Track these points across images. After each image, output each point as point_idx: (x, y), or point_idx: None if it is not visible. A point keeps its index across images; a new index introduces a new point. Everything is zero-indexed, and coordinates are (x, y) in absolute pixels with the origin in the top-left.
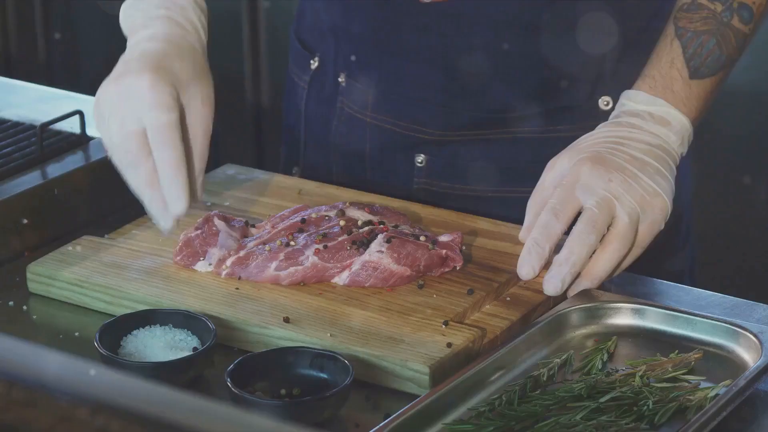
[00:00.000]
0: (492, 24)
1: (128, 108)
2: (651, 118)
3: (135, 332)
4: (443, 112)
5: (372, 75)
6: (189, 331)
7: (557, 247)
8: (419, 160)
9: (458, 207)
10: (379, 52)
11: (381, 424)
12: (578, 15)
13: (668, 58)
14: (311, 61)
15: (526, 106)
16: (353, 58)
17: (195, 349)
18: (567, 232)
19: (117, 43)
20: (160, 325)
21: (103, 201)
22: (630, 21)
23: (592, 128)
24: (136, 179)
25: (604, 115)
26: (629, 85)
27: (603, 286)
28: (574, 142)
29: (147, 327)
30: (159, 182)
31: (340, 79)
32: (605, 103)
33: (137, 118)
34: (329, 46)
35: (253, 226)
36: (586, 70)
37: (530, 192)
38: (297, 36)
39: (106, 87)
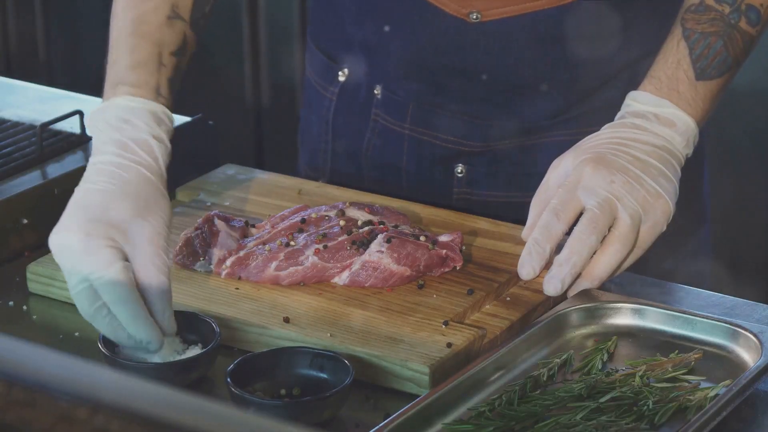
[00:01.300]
0: (536, 39)
1: (70, 267)
2: (656, 120)
3: None
4: (484, 124)
5: (411, 89)
6: (191, 333)
7: (558, 248)
8: (459, 171)
9: (499, 215)
10: (419, 67)
11: (381, 424)
12: (617, 23)
13: (675, 59)
14: (339, 73)
15: (564, 112)
16: (391, 72)
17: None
18: (569, 233)
19: None
20: None
21: None
22: (662, 21)
23: None
24: (103, 329)
25: None
26: None
27: (603, 286)
28: (579, 142)
29: None
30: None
31: (375, 92)
32: None
33: (81, 277)
34: (360, 59)
35: (253, 226)
36: (623, 71)
37: None
38: (317, 44)
39: (52, 238)
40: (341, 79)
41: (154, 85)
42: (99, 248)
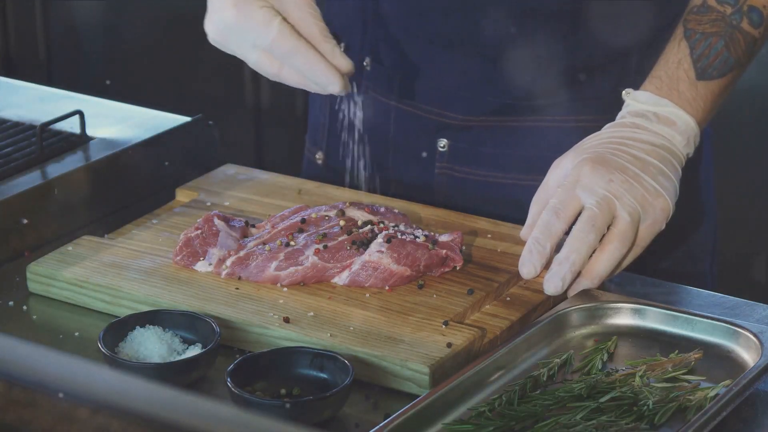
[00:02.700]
0: (518, 11)
1: (236, 41)
2: (656, 119)
3: (133, 333)
4: (467, 97)
5: (397, 59)
6: (191, 333)
7: (558, 248)
8: (441, 145)
9: (479, 194)
10: (406, 35)
11: (381, 424)
12: (605, 7)
13: (675, 59)
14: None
15: (549, 94)
16: (380, 42)
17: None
18: (568, 233)
19: (117, 43)
20: (161, 326)
21: (103, 201)
22: (656, 16)
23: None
24: (293, 83)
25: None
26: None
27: (603, 285)
28: (579, 142)
29: (146, 327)
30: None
31: (364, 63)
32: (627, 94)
33: (250, 46)
34: (356, 30)
35: (253, 226)
36: (611, 62)
37: None
38: (324, 19)
39: (207, 27)
40: None
41: None
42: (253, 12)
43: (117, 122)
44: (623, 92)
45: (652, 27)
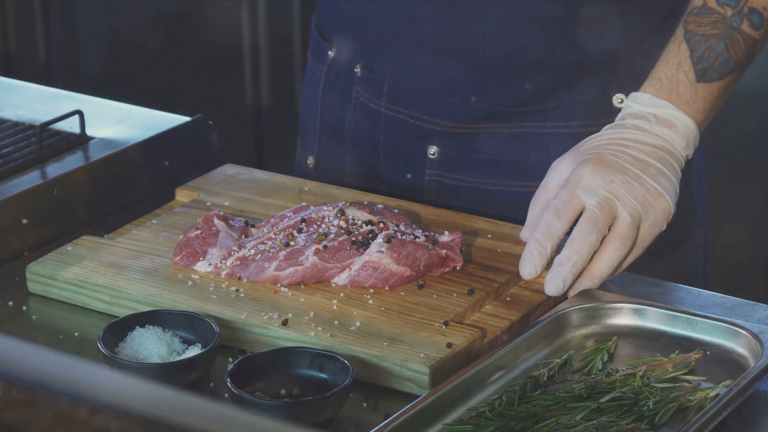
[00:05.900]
0: (506, 16)
1: None
2: (656, 120)
3: (133, 333)
4: (456, 103)
5: (387, 65)
6: (191, 333)
7: (558, 248)
8: (431, 152)
9: (469, 200)
10: (395, 41)
11: (381, 424)
12: (593, 12)
13: (675, 61)
14: (329, 52)
15: (538, 100)
16: (369, 47)
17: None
18: (568, 234)
19: (117, 43)
20: (161, 326)
21: (103, 201)
22: (645, 20)
23: (605, 124)
24: None
25: (618, 112)
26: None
27: (603, 286)
28: (578, 144)
29: (146, 327)
30: None
31: (355, 69)
32: (619, 100)
33: None
34: (347, 36)
35: (253, 226)
36: (600, 67)
37: None
38: (317, 26)
39: None
40: (330, 57)
41: None
42: None
43: (117, 122)
44: (614, 98)
45: (641, 31)
